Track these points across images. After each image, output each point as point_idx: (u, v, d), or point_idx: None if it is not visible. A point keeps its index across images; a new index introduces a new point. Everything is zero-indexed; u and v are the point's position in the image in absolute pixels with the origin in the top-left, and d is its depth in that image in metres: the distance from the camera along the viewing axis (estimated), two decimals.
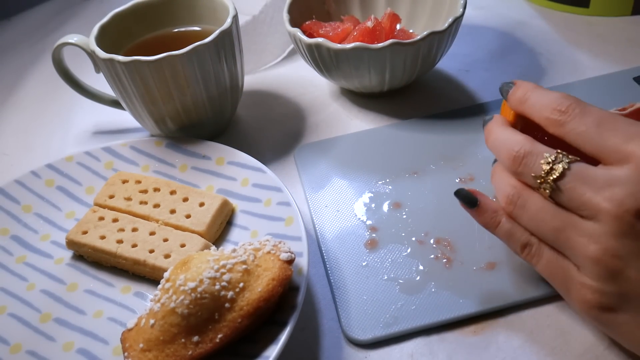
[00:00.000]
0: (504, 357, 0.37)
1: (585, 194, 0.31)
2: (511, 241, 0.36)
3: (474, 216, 0.37)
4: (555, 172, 0.32)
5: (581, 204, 0.31)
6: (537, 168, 0.33)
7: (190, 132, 0.53)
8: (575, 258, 0.32)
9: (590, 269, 0.31)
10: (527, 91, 0.36)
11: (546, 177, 0.32)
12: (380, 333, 0.38)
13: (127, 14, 0.54)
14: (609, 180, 0.31)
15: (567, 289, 0.33)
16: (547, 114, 0.34)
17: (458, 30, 0.53)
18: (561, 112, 0.33)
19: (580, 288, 0.32)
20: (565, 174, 0.32)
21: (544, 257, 0.34)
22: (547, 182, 0.32)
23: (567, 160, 0.32)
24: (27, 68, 0.72)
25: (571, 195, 0.32)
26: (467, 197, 0.37)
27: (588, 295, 0.32)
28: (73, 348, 0.39)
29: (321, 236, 0.45)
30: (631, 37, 0.62)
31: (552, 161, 0.32)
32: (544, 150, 0.33)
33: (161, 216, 0.45)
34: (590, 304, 0.32)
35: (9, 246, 0.46)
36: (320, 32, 0.55)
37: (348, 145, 0.53)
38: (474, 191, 0.37)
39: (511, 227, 0.35)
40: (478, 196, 0.37)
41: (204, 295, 0.35)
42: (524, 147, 0.34)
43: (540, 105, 0.34)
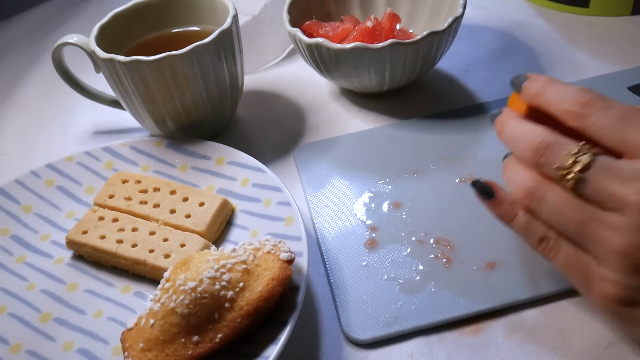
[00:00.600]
0: (504, 357, 0.37)
1: (612, 186, 0.30)
2: (528, 235, 0.35)
3: (489, 208, 0.37)
4: (580, 164, 0.31)
5: (607, 195, 0.31)
6: (561, 159, 0.32)
7: (190, 132, 0.53)
8: (598, 251, 0.31)
9: (615, 262, 0.31)
10: (545, 84, 0.35)
11: (571, 168, 0.32)
12: (380, 333, 0.38)
13: (127, 14, 0.54)
14: (636, 173, 0.30)
15: (587, 283, 0.33)
16: (567, 106, 0.33)
17: (458, 30, 0.53)
18: (583, 105, 0.32)
19: (601, 282, 0.32)
20: (591, 166, 0.31)
21: (562, 250, 0.33)
22: (571, 174, 0.32)
23: (592, 152, 0.32)
24: (27, 68, 0.72)
25: (597, 187, 0.31)
26: (484, 189, 0.37)
27: (610, 289, 0.31)
28: (73, 348, 0.39)
29: (321, 236, 0.45)
30: (631, 37, 0.62)
31: (577, 152, 0.32)
32: (567, 142, 0.32)
33: (161, 216, 0.45)
34: (612, 298, 0.31)
35: (9, 246, 0.46)
36: (320, 32, 0.55)
37: (348, 145, 0.53)
38: (490, 183, 0.37)
39: (528, 220, 0.35)
40: (495, 188, 0.36)
41: (204, 295, 0.35)
42: (547, 138, 0.33)
43: (560, 97, 0.34)
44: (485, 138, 0.51)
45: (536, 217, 0.35)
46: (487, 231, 0.43)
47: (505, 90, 0.56)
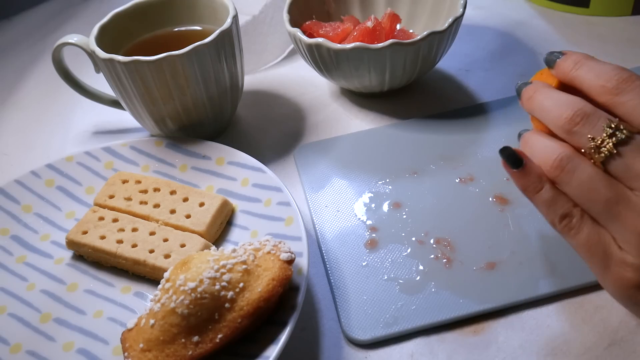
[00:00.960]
0: (504, 357, 0.37)
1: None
2: (551, 210, 0.34)
3: (515, 178, 0.35)
4: (617, 138, 0.31)
5: (637, 174, 0.30)
6: (597, 130, 0.32)
7: (190, 132, 0.53)
8: (620, 233, 0.31)
9: (637, 246, 0.30)
10: (581, 59, 0.35)
11: (607, 141, 0.31)
12: (380, 333, 0.38)
13: (127, 14, 0.54)
14: None
15: (605, 265, 0.32)
16: (602, 82, 0.32)
17: (458, 30, 0.53)
18: (620, 81, 0.32)
19: (620, 265, 0.31)
20: (628, 142, 0.31)
21: (584, 230, 0.32)
22: (605, 147, 0.31)
23: (629, 129, 0.31)
24: (27, 68, 0.72)
25: (629, 163, 0.31)
26: (513, 156, 0.35)
27: (628, 273, 0.31)
28: (73, 348, 0.39)
29: (321, 236, 0.45)
30: (631, 37, 0.62)
31: (615, 127, 0.31)
32: (606, 115, 0.32)
33: (161, 216, 0.45)
34: (629, 283, 0.31)
35: (9, 246, 0.46)
36: (320, 32, 0.55)
37: (348, 145, 0.53)
38: (520, 151, 0.35)
39: (554, 194, 0.33)
40: (524, 157, 0.35)
41: (204, 295, 0.35)
42: (585, 107, 0.32)
43: (597, 72, 0.33)
44: (485, 138, 0.51)
45: (563, 191, 0.33)
46: (487, 231, 0.43)
47: (505, 91, 0.56)
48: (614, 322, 0.37)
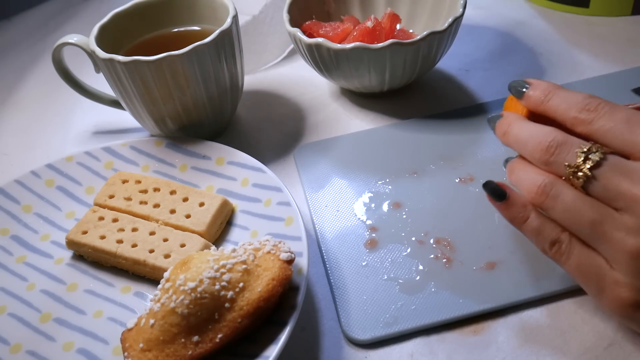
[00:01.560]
0: (504, 357, 0.37)
1: (622, 184, 0.31)
2: (540, 238, 0.35)
3: (501, 210, 0.36)
4: (591, 161, 0.32)
5: (617, 194, 0.31)
6: (571, 157, 0.32)
7: (190, 132, 0.53)
8: (610, 253, 0.31)
9: (627, 265, 0.30)
10: (549, 91, 0.36)
11: (581, 166, 0.32)
12: (380, 333, 0.38)
13: (127, 14, 0.54)
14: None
15: (600, 288, 0.32)
16: (574, 113, 0.34)
17: (458, 30, 0.53)
18: (590, 111, 0.33)
19: (614, 286, 0.31)
20: (602, 164, 0.31)
21: (574, 254, 0.33)
22: (581, 172, 0.32)
23: (602, 151, 0.32)
24: (27, 68, 0.72)
25: (607, 185, 0.31)
26: (496, 190, 0.36)
27: (623, 293, 0.31)
28: (73, 348, 0.39)
29: (321, 236, 0.45)
30: (631, 37, 0.62)
31: (587, 151, 0.32)
32: (578, 141, 0.33)
33: (161, 216, 0.45)
34: (625, 303, 0.31)
35: (9, 246, 0.46)
36: (320, 32, 0.55)
37: (348, 145, 0.53)
38: (502, 184, 0.36)
39: (541, 222, 0.34)
40: (507, 189, 0.36)
41: (204, 295, 0.35)
42: (557, 137, 0.33)
43: (567, 104, 0.34)
44: (485, 138, 0.51)
45: (549, 217, 0.34)
46: (487, 231, 0.43)
47: (505, 91, 0.56)
48: (614, 322, 0.37)
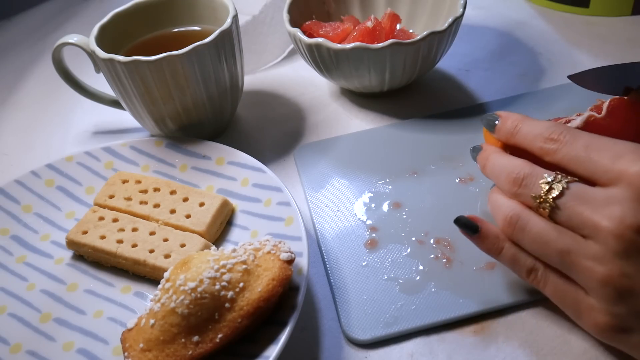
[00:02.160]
0: (504, 357, 0.37)
1: (585, 212, 0.31)
2: (516, 267, 0.35)
3: (476, 243, 0.37)
4: (555, 191, 0.33)
5: (581, 222, 0.31)
6: (536, 188, 0.33)
7: (190, 132, 0.53)
8: (582, 281, 0.32)
9: (600, 292, 0.31)
10: (517, 123, 0.37)
11: (546, 196, 0.33)
12: (380, 333, 0.38)
13: (127, 14, 0.54)
14: (607, 199, 0.31)
15: (578, 313, 0.33)
16: (540, 143, 0.35)
17: (458, 30, 0.53)
18: (554, 141, 0.34)
19: (590, 312, 0.32)
20: (564, 193, 0.32)
21: (551, 281, 0.34)
22: (546, 202, 0.33)
23: (566, 180, 0.33)
24: (27, 68, 0.72)
25: (570, 214, 0.32)
26: (468, 224, 0.37)
27: (600, 318, 0.32)
28: (73, 348, 0.39)
29: (321, 236, 0.45)
30: (631, 37, 0.62)
31: (551, 181, 0.33)
32: (542, 172, 0.34)
33: (161, 216, 0.45)
34: (603, 327, 0.32)
35: (9, 246, 0.46)
36: (320, 33, 0.55)
37: (348, 145, 0.53)
38: (474, 217, 0.37)
39: (515, 252, 0.35)
40: (479, 222, 0.36)
41: (204, 295, 0.35)
42: (524, 169, 0.35)
43: (533, 135, 0.35)
44: None
45: (521, 246, 0.35)
46: None
47: (505, 91, 0.56)
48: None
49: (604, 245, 0.30)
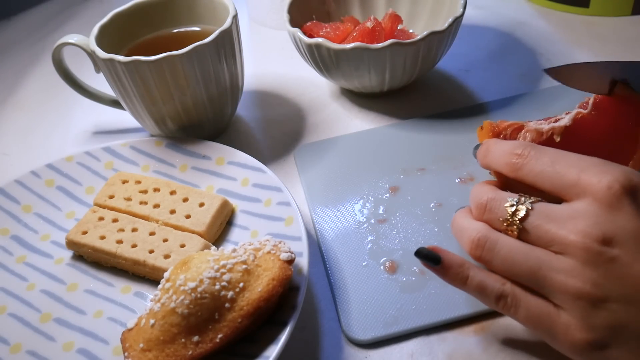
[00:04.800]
0: (504, 357, 0.37)
1: (551, 230, 0.31)
2: (484, 294, 0.34)
3: (439, 274, 0.35)
4: (520, 212, 0.33)
5: (549, 240, 0.32)
6: (502, 211, 0.34)
7: (190, 132, 0.53)
8: (555, 297, 0.32)
9: (574, 305, 0.31)
10: (487, 147, 0.37)
11: (512, 219, 0.33)
12: (380, 333, 0.38)
13: (127, 14, 0.54)
14: (572, 214, 0.31)
15: (553, 334, 0.32)
16: (505, 159, 0.35)
17: (458, 30, 0.53)
18: (518, 156, 0.34)
19: (566, 330, 0.31)
20: (530, 214, 0.33)
21: (522, 305, 0.33)
22: (513, 224, 0.33)
23: (530, 201, 0.33)
24: (27, 68, 0.72)
25: (538, 233, 0.32)
26: (429, 256, 0.35)
27: (577, 335, 0.31)
28: (73, 348, 0.39)
29: (321, 236, 0.45)
30: (631, 37, 0.62)
31: (516, 203, 0.33)
32: (506, 195, 0.34)
33: (161, 216, 0.45)
34: (581, 345, 0.31)
35: (9, 246, 0.46)
36: (320, 34, 0.55)
37: (348, 145, 0.53)
38: (434, 248, 0.35)
39: (482, 278, 0.34)
40: (440, 252, 0.35)
41: (204, 295, 0.35)
42: (487, 194, 0.35)
43: (499, 153, 0.36)
44: None
45: (489, 268, 0.34)
46: None
47: (505, 91, 0.56)
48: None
49: (573, 259, 0.30)
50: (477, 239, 0.34)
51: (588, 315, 0.30)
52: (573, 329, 0.31)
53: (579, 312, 0.31)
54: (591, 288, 0.30)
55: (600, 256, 0.30)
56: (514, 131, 0.41)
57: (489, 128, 0.42)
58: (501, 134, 0.41)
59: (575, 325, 0.31)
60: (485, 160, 0.37)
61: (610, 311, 0.30)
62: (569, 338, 0.31)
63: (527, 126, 0.41)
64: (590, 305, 0.30)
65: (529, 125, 0.41)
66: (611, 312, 0.30)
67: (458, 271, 0.34)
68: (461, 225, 0.36)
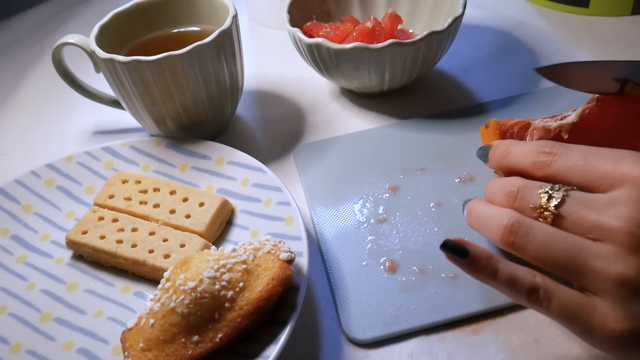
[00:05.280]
0: (504, 357, 0.37)
1: (590, 215, 0.31)
2: (515, 289, 0.32)
3: (466, 269, 0.33)
4: (555, 200, 0.32)
5: (588, 226, 0.31)
6: (535, 199, 0.33)
7: (190, 132, 0.53)
8: (595, 285, 0.30)
9: (615, 293, 0.29)
10: (507, 147, 0.36)
11: (547, 205, 0.32)
12: (380, 332, 0.38)
13: (127, 14, 0.54)
14: (611, 201, 0.30)
15: (588, 326, 0.30)
16: (532, 158, 0.34)
17: (458, 30, 0.53)
18: (547, 154, 0.34)
19: (604, 321, 0.30)
20: (566, 200, 0.32)
21: (555, 298, 0.31)
22: (548, 210, 0.32)
23: (565, 189, 0.32)
24: (27, 68, 0.72)
25: (575, 220, 0.31)
26: (456, 248, 0.32)
27: (616, 325, 0.29)
28: (73, 348, 0.39)
29: (321, 236, 0.45)
30: (631, 37, 0.62)
31: (550, 190, 0.32)
32: (538, 183, 0.33)
33: (161, 216, 0.45)
34: (620, 335, 0.29)
35: (9, 246, 0.46)
36: (320, 34, 0.55)
37: (348, 145, 0.53)
38: (460, 240, 0.33)
39: (512, 271, 0.32)
40: (467, 244, 0.33)
41: (204, 295, 0.35)
42: (518, 182, 0.34)
43: (525, 153, 0.35)
44: None
45: (521, 256, 0.33)
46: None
47: (505, 91, 0.56)
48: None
49: (615, 244, 0.30)
50: (511, 224, 0.32)
51: (629, 303, 0.29)
52: (612, 319, 0.30)
53: (619, 301, 0.29)
54: (635, 274, 0.29)
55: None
56: (520, 129, 0.41)
57: (495, 126, 0.41)
58: (507, 132, 0.41)
59: (615, 315, 0.30)
60: (506, 161, 0.36)
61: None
62: (607, 330, 0.30)
63: (534, 124, 0.41)
64: (632, 293, 0.29)
65: (535, 123, 0.41)
66: None
67: (487, 264, 0.32)
68: (486, 213, 0.34)
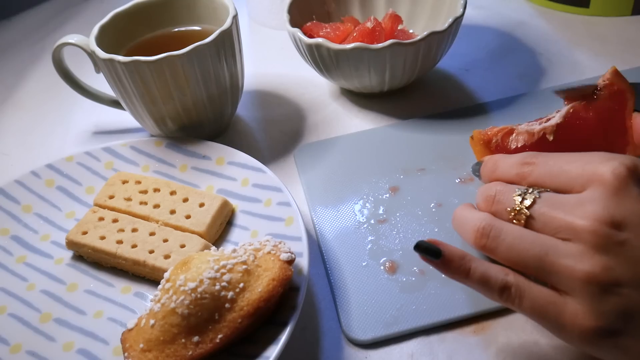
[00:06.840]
0: (504, 357, 0.37)
1: (558, 216, 0.32)
2: (487, 287, 0.33)
3: (440, 268, 0.34)
4: (527, 201, 0.33)
5: (556, 226, 0.32)
6: (509, 202, 0.34)
7: (190, 132, 0.53)
8: (563, 284, 0.31)
9: (584, 291, 0.30)
10: (496, 160, 0.38)
11: (520, 207, 0.33)
12: (380, 333, 0.38)
13: (127, 14, 0.54)
14: (580, 201, 0.31)
15: (560, 324, 0.31)
16: (516, 170, 0.36)
17: (458, 30, 0.53)
18: (527, 164, 0.35)
19: (574, 318, 0.30)
20: (537, 202, 0.33)
21: (527, 296, 0.32)
22: (521, 212, 0.33)
23: (538, 191, 0.34)
24: (27, 68, 0.72)
25: (544, 220, 0.32)
26: (429, 249, 0.34)
27: (586, 322, 0.30)
28: (73, 348, 0.39)
29: (321, 236, 0.45)
30: (631, 37, 0.62)
31: (524, 193, 0.34)
32: (514, 187, 0.35)
33: (161, 217, 0.45)
34: (590, 332, 0.30)
35: (9, 246, 0.46)
36: (320, 34, 0.55)
37: (348, 145, 0.53)
38: (433, 240, 0.34)
39: (484, 270, 0.33)
40: (440, 245, 0.34)
41: (204, 296, 0.35)
42: (497, 187, 0.35)
43: (509, 165, 0.37)
44: None
45: (494, 257, 0.34)
46: None
47: (505, 91, 0.56)
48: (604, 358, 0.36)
49: (583, 243, 0.30)
50: (482, 227, 0.34)
51: (598, 301, 0.30)
52: (581, 316, 0.30)
53: (588, 298, 0.30)
54: (601, 272, 0.30)
55: (610, 239, 0.30)
56: (504, 136, 0.42)
57: (479, 137, 0.42)
58: (492, 140, 0.42)
59: (584, 312, 0.30)
60: (495, 175, 0.38)
61: (621, 296, 0.29)
62: (577, 327, 0.30)
63: (518, 129, 0.41)
64: (600, 290, 0.30)
65: (519, 128, 0.41)
66: (622, 297, 0.29)
67: (460, 264, 0.33)
68: (464, 216, 0.36)
